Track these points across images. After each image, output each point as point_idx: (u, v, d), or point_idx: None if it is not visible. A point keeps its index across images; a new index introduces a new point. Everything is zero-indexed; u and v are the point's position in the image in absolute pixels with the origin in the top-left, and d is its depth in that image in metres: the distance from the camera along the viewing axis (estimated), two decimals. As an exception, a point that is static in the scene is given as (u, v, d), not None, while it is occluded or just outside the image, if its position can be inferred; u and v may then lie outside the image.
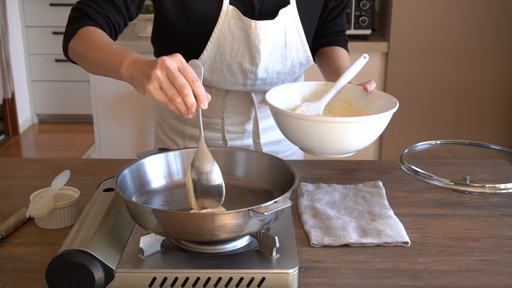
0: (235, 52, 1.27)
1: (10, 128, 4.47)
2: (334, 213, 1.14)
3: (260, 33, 1.24)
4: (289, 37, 1.29)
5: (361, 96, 1.30)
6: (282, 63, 1.32)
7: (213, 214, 0.87)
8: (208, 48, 1.26)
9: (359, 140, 1.17)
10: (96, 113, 2.90)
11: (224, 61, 1.28)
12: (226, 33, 1.25)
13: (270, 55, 1.29)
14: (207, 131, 1.44)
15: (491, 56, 2.82)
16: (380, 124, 1.16)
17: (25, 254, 1.01)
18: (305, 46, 1.33)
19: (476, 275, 0.96)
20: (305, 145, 1.19)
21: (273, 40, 1.27)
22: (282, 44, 1.29)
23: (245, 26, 1.23)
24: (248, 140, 1.46)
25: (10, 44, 4.24)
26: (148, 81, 0.95)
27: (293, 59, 1.33)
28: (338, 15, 1.45)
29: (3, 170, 1.40)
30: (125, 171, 1.03)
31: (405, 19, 2.78)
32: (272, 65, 1.31)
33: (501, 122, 2.92)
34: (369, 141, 1.19)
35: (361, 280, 0.94)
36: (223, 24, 1.24)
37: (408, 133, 2.90)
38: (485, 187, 1.22)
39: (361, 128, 1.14)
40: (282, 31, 1.27)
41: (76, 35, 1.18)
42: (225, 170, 1.14)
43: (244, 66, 1.29)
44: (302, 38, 1.32)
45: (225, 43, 1.26)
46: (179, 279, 0.88)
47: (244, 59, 1.28)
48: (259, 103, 1.42)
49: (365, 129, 1.15)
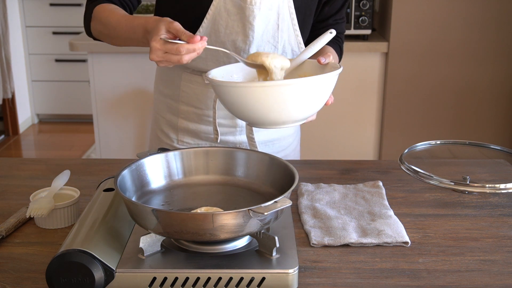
0: (229, 30, 1.29)
1: (10, 128, 4.47)
2: (334, 213, 1.14)
3: (255, 9, 1.26)
4: (282, 19, 1.32)
5: (320, 70, 1.22)
6: (274, 45, 1.34)
7: (213, 214, 0.87)
8: (204, 25, 1.30)
9: (298, 107, 1.09)
10: (96, 113, 2.90)
11: (218, 39, 1.31)
12: (221, 11, 1.28)
13: (262, 35, 1.31)
14: (198, 123, 1.45)
15: (491, 56, 2.82)
16: (321, 87, 1.09)
17: (25, 254, 1.01)
18: (297, 32, 1.35)
19: (476, 275, 0.96)
20: (248, 117, 1.12)
21: (266, 20, 1.30)
22: (274, 26, 1.32)
23: (241, 2, 1.26)
24: (241, 136, 1.46)
25: (10, 44, 4.24)
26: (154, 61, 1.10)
27: (284, 43, 1.35)
28: (331, 17, 1.43)
29: (3, 170, 1.40)
30: (125, 171, 1.03)
31: (405, 19, 2.78)
32: (264, 46, 1.33)
33: (501, 122, 2.92)
34: (314, 107, 1.11)
35: (361, 280, 0.94)
36: (219, 1, 1.27)
37: (408, 133, 2.90)
38: (485, 187, 1.22)
39: (298, 91, 1.06)
40: (275, 12, 1.30)
41: (94, 15, 1.29)
42: (225, 170, 1.14)
43: (237, 44, 1.31)
44: (295, 23, 1.34)
45: (220, 21, 1.29)
46: (179, 279, 0.88)
47: (238, 36, 1.30)
48: None
49: (304, 93, 1.07)
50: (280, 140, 1.52)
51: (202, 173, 1.14)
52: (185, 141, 1.47)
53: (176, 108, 1.46)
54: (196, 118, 1.45)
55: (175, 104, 1.46)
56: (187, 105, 1.44)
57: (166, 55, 1.08)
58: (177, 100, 1.45)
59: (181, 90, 1.43)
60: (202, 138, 1.46)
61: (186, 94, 1.43)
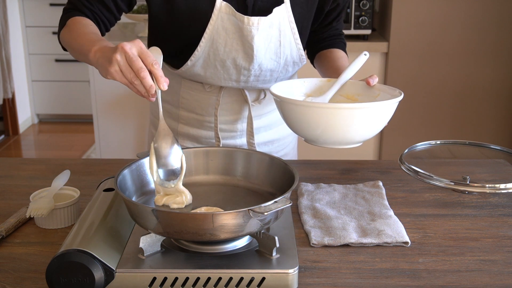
0: (228, 48, 1.28)
1: (10, 128, 4.47)
2: (334, 213, 1.14)
3: (253, 29, 1.25)
4: (284, 36, 1.30)
5: (364, 91, 1.29)
6: (276, 61, 1.33)
7: (213, 214, 0.87)
8: (202, 44, 1.28)
9: (365, 129, 1.15)
10: (96, 113, 2.90)
11: (217, 57, 1.29)
12: (219, 29, 1.26)
13: (265, 53, 1.29)
14: (199, 129, 1.45)
15: (491, 56, 2.82)
16: (386, 112, 1.15)
17: (25, 254, 1.01)
18: (298, 45, 1.34)
19: (476, 275, 0.96)
20: (310, 134, 1.18)
21: (268, 38, 1.28)
22: (276, 43, 1.30)
23: (239, 22, 1.24)
24: (241, 139, 1.46)
25: (10, 44, 4.24)
26: (110, 65, 1.00)
27: (286, 57, 1.34)
28: (335, 19, 1.45)
29: (3, 170, 1.40)
30: (125, 171, 1.03)
31: (405, 19, 2.78)
32: (267, 63, 1.32)
33: (501, 122, 2.92)
34: (374, 131, 1.18)
35: (361, 280, 0.94)
36: (216, 20, 1.25)
37: (408, 133, 2.90)
38: (485, 187, 1.22)
39: (367, 115, 1.12)
40: (277, 29, 1.28)
41: (66, 25, 1.26)
42: (225, 170, 1.14)
43: (238, 62, 1.30)
44: (296, 37, 1.32)
45: (219, 39, 1.27)
46: (179, 279, 0.88)
47: (238, 54, 1.29)
48: (253, 101, 1.42)
49: (371, 117, 1.13)
50: (279, 140, 1.52)
51: (202, 173, 1.14)
52: (184, 146, 1.46)
53: (176, 113, 1.45)
54: (196, 124, 1.44)
55: (175, 110, 1.45)
56: (188, 111, 1.44)
57: (126, 65, 0.98)
58: (177, 106, 1.45)
59: (180, 97, 1.43)
60: (203, 142, 1.46)
61: (186, 101, 1.43)
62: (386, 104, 1.13)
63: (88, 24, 1.23)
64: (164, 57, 1.40)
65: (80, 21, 1.24)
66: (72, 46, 1.21)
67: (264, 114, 1.46)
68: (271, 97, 1.44)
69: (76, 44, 1.18)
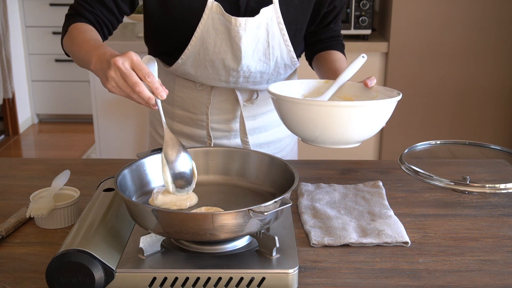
0: (217, 48, 1.28)
1: (10, 128, 4.47)
2: (334, 213, 1.14)
3: (240, 30, 1.24)
4: (272, 37, 1.29)
5: (362, 92, 1.29)
6: (265, 62, 1.32)
7: (213, 214, 0.87)
8: (192, 43, 1.28)
9: (363, 128, 1.14)
10: (96, 113, 2.90)
11: (207, 57, 1.30)
12: (210, 29, 1.26)
13: (253, 54, 1.29)
14: (193, 127, 1.45)
15: (491, 56, 2.82)
16: (385, 111, 1.14)
17: (25, 254, 1.01)
18: (289, 47, 1.33)
19: (476, 275, 0.96)
20: (308, 134, 1.17)
21: (256, 39, 1.28)
22: (265, 44, 1.30)
23: (227, 22, 1.25)
24: (236, 139, 1.46)
25: (10, 44, 4.24)
26: (107, 81, 1.02)
27: (276, 59, 1.33)
28: (332, 21, 1.44)
29: (3, 170, 1.40)
30: (125, 171, 1.03)
31: (405, 19, 2.78)
32: (255, 65, 1.32)
33: (501, 122, 2.92)
34: (373, 131, 1.17)
35: (361, 280, 0.94)
36: (207, 19, 1.25)
37: (408, 133, 2.90)
38: (485, 187, 1.22)
39: (365, 114, 1.11)
40: (264, 30, 1.28)
41: (68, 32, 1.25)
42: (225, 170, 1.14)
43: (226, 63, 1.30)
44: (286, 39, 1.32)
45: (209, 39, 1.27)
46: (179, 279, 0.88)
47: (226, 55, 1.29)
48: (245, 101, 1.42)
49: (370, 116, 1.12)
50: (275, 142, 1.51)
51: (202, 173, 1.14)
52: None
53: (171, 112, 1.46)
54: (190, 122, 1.45)
55: (170, 108, 1.46)
56: (182, 110, 1.44)
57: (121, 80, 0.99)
58: (172, 105, 1.45)
59: (175, 95, 1.43)
60: (197, 141, 1.46)
61: (180, 99, 1.43)
62: (385, 103, 1.13)
63: (88, 30, 1.23)
64: (159, 54, 1.40)
65: (81, 27, 1.24)
66: (74, 55, 1.21)
67: (259, 115, 1.46)
68: (266, 98, 1.44)
69: (77, 53, 1.18)
